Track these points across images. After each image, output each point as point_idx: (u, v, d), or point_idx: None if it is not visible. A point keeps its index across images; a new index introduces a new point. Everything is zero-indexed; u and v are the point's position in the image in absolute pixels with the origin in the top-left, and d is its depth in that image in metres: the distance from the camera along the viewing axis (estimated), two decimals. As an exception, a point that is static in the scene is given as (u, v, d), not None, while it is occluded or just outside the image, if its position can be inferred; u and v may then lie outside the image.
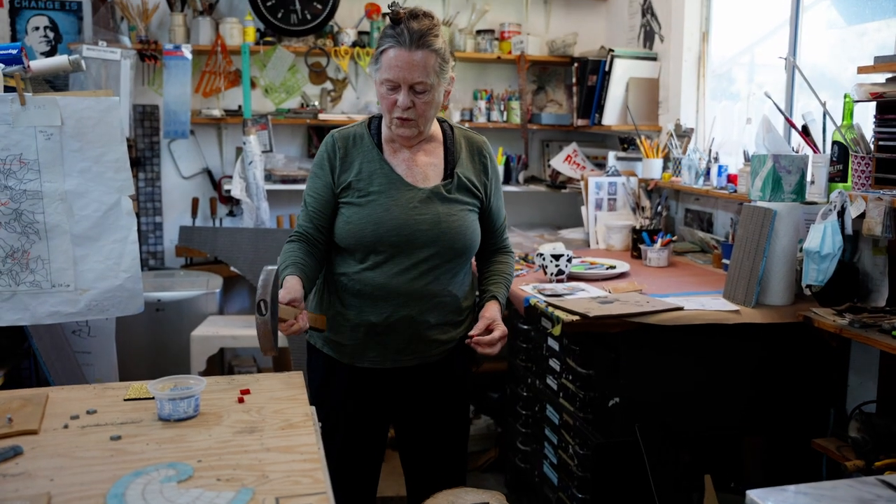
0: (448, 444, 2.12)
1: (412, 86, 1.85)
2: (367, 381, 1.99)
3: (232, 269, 3.34)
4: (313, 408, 1.61)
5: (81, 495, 1.22)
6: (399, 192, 1.93)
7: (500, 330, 1.91)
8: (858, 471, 2.03)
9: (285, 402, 1.63)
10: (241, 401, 1.63)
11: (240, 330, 3.19)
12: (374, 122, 2.03)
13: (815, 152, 2.54)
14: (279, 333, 1.76)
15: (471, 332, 1.91)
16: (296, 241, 1.97)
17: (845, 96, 2.34)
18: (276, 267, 1.73)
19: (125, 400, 1.64)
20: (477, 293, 2.10)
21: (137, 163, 3.90)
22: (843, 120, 2.36)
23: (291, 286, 1.83)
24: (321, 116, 3.94)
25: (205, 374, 3.11)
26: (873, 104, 2.21)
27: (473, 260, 2.12)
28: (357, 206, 1.92)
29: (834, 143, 2.42)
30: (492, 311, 1.97)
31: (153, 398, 1.58)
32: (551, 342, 2.71)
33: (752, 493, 1.46)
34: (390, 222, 1.90)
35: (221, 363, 3.67)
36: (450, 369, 2.06)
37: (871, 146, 2.25)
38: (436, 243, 1.92)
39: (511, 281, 2.12)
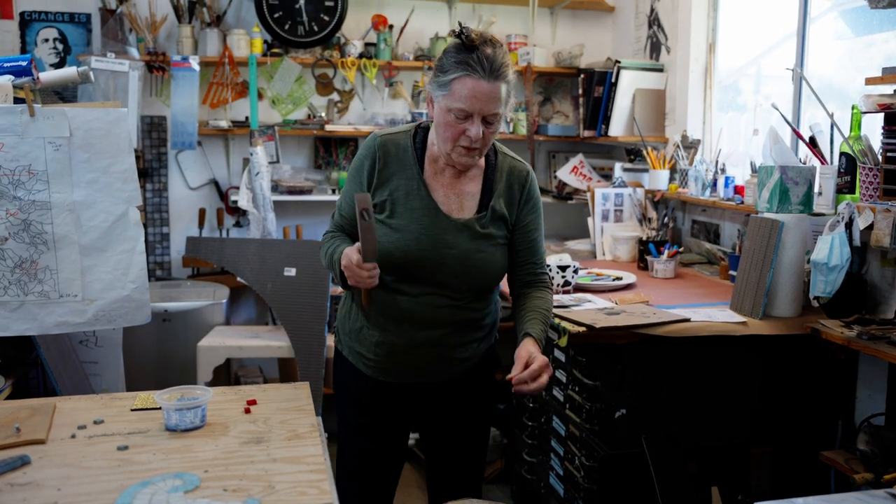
0: (467, 455, 2.11)
1: (485, 116, 1.76)
2: (390, 394, 1.98)
3: (238, 279, 3.34)
4: (320, 418, 1.61)
5: (88, 505, 1.22)
6: (432, 221, 1.87)
7: (539, 361, 1.75)
8: (867, 484, 2.02)
9: (292, 412, 1.63)
10: (247, 411, 1.63)
11: (246, 340, 3.19)
12: (419, 134, 1.93)
13: (822, 163, 2.54)
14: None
15: (509, 376, 1.75)
16: (337, 233, 1.98)
17: (853, 107, 2.34)
18: (365, 193, 1.78)
19: (132, 410, 1.64)
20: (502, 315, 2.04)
21: (145, 174, 3.92)
22: (850, 131, 2.36)
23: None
24: (328, 127, 3.95)
25: (211, 384, 3.11)
26: (881, 115, 2.21)
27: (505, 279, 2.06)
28: (387, 228, 1.86)
29: (841, 154, 2.42)
30: (527, 348, 1.81)
31: (160, 408, 1.58)
32: (557, 353, 2.70)
33: (760, 506, 1.45)
34: (418, 252, 1.85)
35: (228, 374, 3.67)
36: (472, 380, 2.04)
37: (880, 157, 2.24)
38: (461, 278, 1.88)
39: (549, 317, 1.94)
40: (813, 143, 2.58)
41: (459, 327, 1.92)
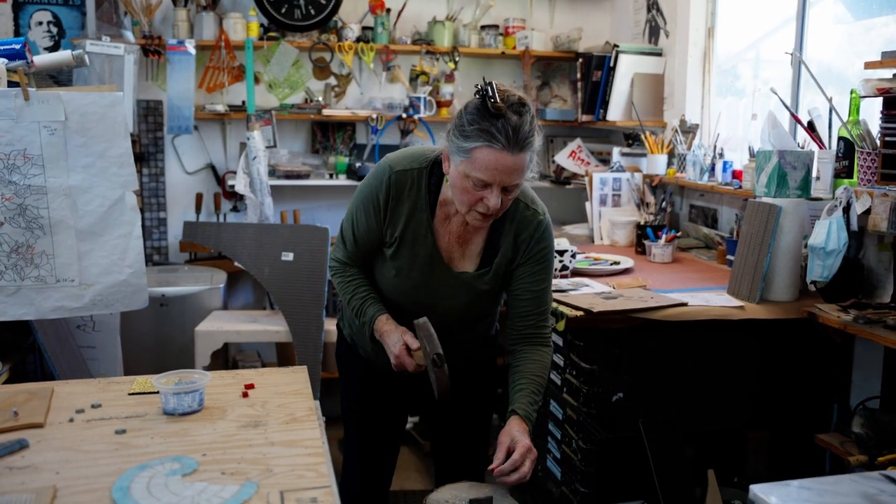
0: (469, 439, 2.12)
1: (505, 186, 1.66)
2: (388, 378, 1.98)
3: (236, 264, 3.34)
4: (317, 402, 1.62)
5: (87, 488, 1.22)
6: (434, 272, 1.84)
7: (521, 448, 1.67)
8: (862, 466, 2.03)
9: (290, 396, 1.63)
10: (245, 395, 1.63)
11: (244, 325, 3.19)
12: (435, 173, 1.82)
13: (820, 148, 2.53)
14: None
15: (491, 466, 1.69)
16: (351, 265, 1.92)
17: (852, 92, 2.33)
18: (426, 319, 1.77)
19: (130, 394, 1.65)
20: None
21: (141, 158, 3.90)
22: (849, 115, 2.36)
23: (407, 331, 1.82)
24: (325, 112, 3.94)
25: (209, 369, 3.11)
26: (880, 100, 2.20)
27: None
28: (389, 267, 1.85)
29: (840, 138, 2.41)
30: (509, 431, 1.72)
31: (158, 392, 1.59)
32: (555, 337, 2.70)
33: (755, 488, 1.46)
34: (416, 298, 1.86)
35: (226, 358, 3.68)
36: (472, 366, 2.04)
37: (878, 142, 2.24)
38: (456, 323, 1.91)
39: (543, 385, 1.83)
40: (811, 128, 2.57)
41: (457, 338, 1.92)
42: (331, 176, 3.99)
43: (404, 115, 3.98)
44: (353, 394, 2.08)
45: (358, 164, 3.94)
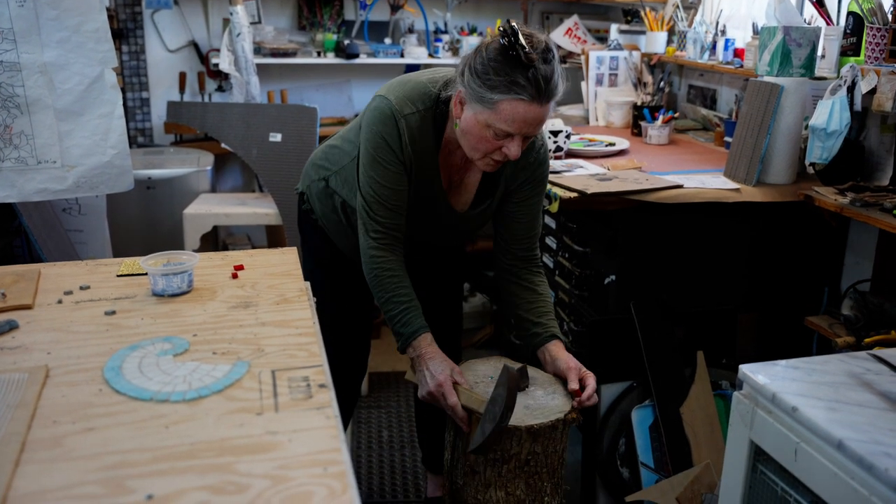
0: (442, 321, 2.12)
1: (527, 136, 1.60)
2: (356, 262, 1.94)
3: (223, 145, 3.26)
4: (308, 283, 1.60)
5: (79, 368, 1.22)
6: (436, 210, 1.78)
7: (591, 376, 1.68)
8: (849, 347, 2.06)
9: (280, 277, 1.62)
10: (234, 276, 1.61)
11: (233, 207, 3.15)
12: (440, 112, 1.70)
13: (828, 24, 2.43)
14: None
15: (576, 401, 1.64)
16: (387, 250, 1.73)
17: (865, -38, 2.21)
18: (523, 368, 1.65)
19: (118, 276, 1.62)
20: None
21: (119, 35, 3.73)
22: (860, -12, 2.25)
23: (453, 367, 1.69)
24: (311, -15, 3.75)
25: (199, 252, 3.10)
26: (894, -29, 2.10)
27: None
28: None
29: (849, 13, 2.31)
30: (566, 357, 1.72)
31: (146, 274, 1.56)
32: (548, 220, 2.68)
33: (743, 367, 1.47)
34: (416, 231, 1.80)
35: (215, 241, 3.66)
36: (442, 254, 2.05)
37: (889, 17, 2.14)
38: (446, 246, 1.93)
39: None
40: (819, 3, 2.46)
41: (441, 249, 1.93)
42: (318, 54, 3.84)
43: (394, -10, 3.80)
44: (320, 273, 2.02)
45: (346, 42, 3.79)
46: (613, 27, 3.67)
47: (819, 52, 2.39)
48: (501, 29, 1.52)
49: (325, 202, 1.96)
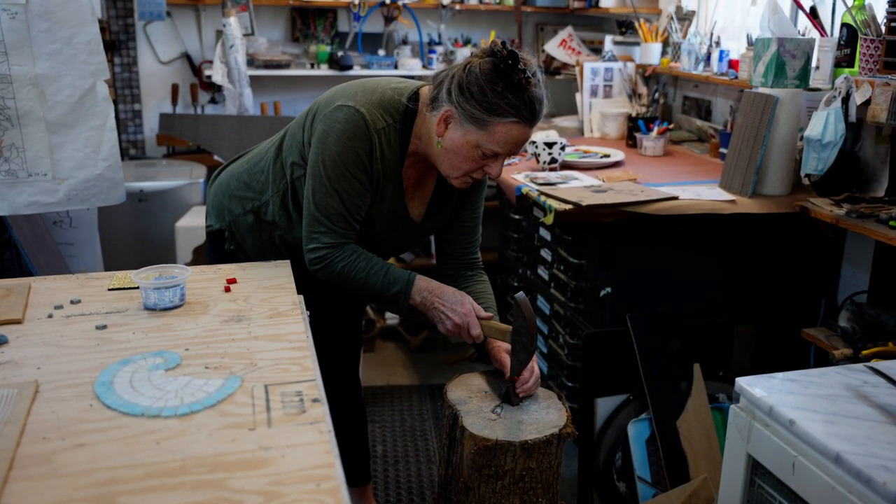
0: (344, 337, 2.13)
1: (510, 154, 1.63)
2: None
3: (215, 157, 3.25)
4: (301, 297, 1.59)
5: (69, 383, 1.20)
6: (395, 222, 1.75)
7: (536, 366, 1.71)
8: (846, 359, 2.05)
9: (272, 290, 1.60)
10: (227, 290, 1.60)
11: (226, 220, 3.13)
12: (407, 122, 1.66)
13: (822, 35, 2.44)
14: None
15: (518, 389, 1.66)
16: (342, 246, 1.68)
17: (858, -26, 2.22)
18: (524, 296, 1.61)
19: (109, 290, 1.61)
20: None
21: (112, 47, 3.73)
22: (854, 0, 2.25)
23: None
24: (305, -3, 3.75)
25: (191, 265, 3.08)
26: (887, -17, 2.10)
27: None
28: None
29: (843, 25, 2.32)
30: (504, 346, 1.73)
31: (138, 288, 1.55)
32: (543, 232, 2.67)
33: (740, 380, 1.46)
34: (368, 241, 1.75)
35: (209, 254, 3.64)
36: None
37: (883, 28, 2.15)
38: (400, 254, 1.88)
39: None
40: (814, 14, 2.47)
41: None
42: (312, 66, 3.84)
43: (388, 1, 3.81)
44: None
45: (340, 53, 3.79)
46: (608, 38, 3.68)
47: (813, 64, 2.40)
48: (498, 51, 1.53)
49: (260, 236, 1.86)
